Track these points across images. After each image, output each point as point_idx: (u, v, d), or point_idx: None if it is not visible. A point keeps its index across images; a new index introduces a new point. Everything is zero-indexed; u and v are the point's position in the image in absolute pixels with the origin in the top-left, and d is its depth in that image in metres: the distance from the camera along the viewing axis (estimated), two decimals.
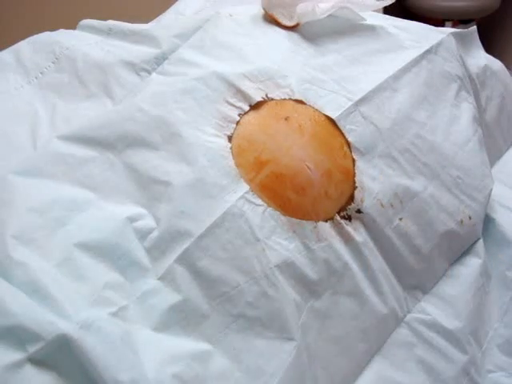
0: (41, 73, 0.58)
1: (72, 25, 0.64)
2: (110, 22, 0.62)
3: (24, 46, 0.61)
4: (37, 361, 0.36)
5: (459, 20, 2.14)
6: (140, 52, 0.57)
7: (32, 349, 0.35)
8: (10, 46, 0.61)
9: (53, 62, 0.58)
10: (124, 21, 0.61)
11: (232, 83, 0.50)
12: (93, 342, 0.36)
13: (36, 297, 0.37)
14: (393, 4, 0.62)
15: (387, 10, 0.75)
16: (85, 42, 0.59)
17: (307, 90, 0.52)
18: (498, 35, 2.25)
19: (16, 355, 0.35)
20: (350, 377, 0.49)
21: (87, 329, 0.37)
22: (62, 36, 0.61)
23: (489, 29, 2.25)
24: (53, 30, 0.62)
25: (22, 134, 0.51)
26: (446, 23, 2.13)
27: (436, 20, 2.16)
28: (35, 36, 0.62)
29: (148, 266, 0.43)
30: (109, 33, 0.61)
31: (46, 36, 0.62)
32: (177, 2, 0.75)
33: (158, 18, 0.73)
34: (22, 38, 0.62)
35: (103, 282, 0.41)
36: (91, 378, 0.36)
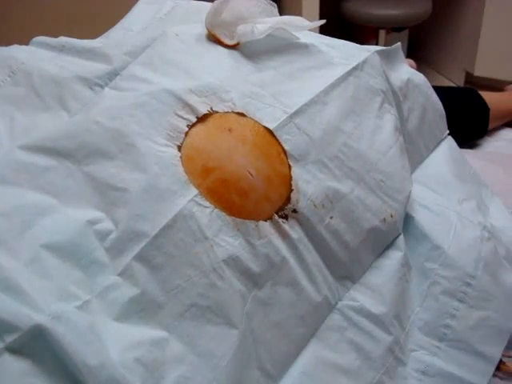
0: None
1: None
2: (63, 39, 0.64)
3: None
4: (14, 349, 0.39)
5: (392, 28, 2.23)
6: (93, 68, 0.60)
7: (9, 339, 0.39)
8: None
9: (9, 76, 0.60)
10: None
11: (180, 97, 0.53)
12: (63, 331, 0.40)
13: (10, 293, 0.40)
14: (329, 12, 0.65)
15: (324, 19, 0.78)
16: (39, 58, 0.62)
17: (248, 103, 0.56)
18: (429, 41, 2.35)
19: None
20: (290, 357, 0.53)
21: (58, 320, 0.40)
22: (17, 51, 0.63)
23: (421, 35, 2.35)
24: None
25: None
26: (380, 31, 2.20)
27: (370, 28, 2.24)
28: None
29: (108, 263, 0.46)
30: (62, 49, 0.63)
31: (0, 51, 0.63)
32: (124, 18, 0.78)
33: (106, 34, 0.75)
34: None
35: (68, 279, 0.44)
36: (63, 363, 0.39)
